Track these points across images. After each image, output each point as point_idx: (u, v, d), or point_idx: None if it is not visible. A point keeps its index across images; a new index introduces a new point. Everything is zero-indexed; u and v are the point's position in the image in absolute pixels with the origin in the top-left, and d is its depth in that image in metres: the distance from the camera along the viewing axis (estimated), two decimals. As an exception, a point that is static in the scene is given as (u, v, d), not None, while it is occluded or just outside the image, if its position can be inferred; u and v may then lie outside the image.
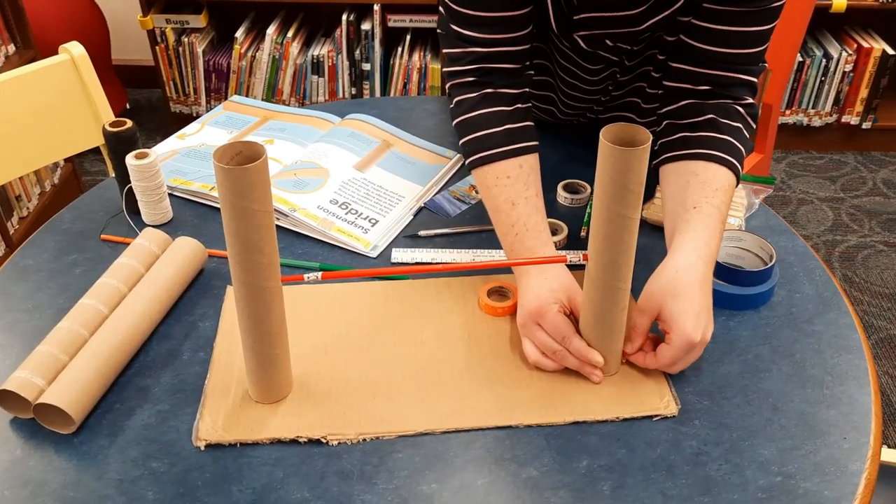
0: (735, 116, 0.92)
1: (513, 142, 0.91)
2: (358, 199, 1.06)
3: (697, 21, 0.90)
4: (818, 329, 0.86)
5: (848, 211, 2.35)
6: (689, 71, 0.93)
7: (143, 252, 0.90)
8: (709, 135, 0.91)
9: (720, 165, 0.88)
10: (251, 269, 0.68)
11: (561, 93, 1.10)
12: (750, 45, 0.91)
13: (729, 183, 0.88)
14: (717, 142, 0.90)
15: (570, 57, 1.02)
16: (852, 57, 2.44)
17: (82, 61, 1.30)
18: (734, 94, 0.93)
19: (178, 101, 2.63)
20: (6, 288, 0.92)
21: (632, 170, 0.68)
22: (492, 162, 0.91)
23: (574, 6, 0.93)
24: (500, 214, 0.89)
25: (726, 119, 0.92)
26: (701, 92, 0.93)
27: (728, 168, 0.88)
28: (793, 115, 2.57)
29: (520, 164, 0.90)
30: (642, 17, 0.92)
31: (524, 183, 0.89)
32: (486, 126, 0.92)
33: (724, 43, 0.90)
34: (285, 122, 1.23)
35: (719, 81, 0.92)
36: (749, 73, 0.92)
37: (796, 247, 0.98)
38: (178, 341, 0.85)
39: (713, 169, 0.88)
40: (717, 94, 0.93)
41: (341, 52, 2.51)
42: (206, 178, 1.08)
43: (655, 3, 0.91)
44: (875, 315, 1.97)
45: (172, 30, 2.50)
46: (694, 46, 0.92)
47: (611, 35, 0.96)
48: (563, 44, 0.99)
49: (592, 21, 0.94)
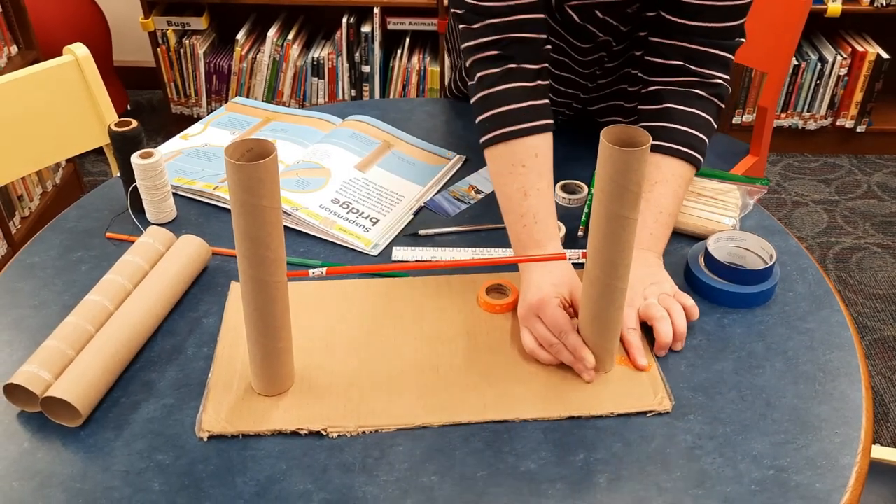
0: (693, 101, 0.96)
1: (532, 118, 0.91)
2: (359, 198, 1.07)
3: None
4: (811, 327, 0.88)
5: (842, 213, 2.38)
6: (664, 44, 0.96)
7: (148, 250, 0.91)
8: (658, 124, 0.96)
9: (665, 156, 0.94)
10: (258, 264, 0.70)
11: (552, 77, 1.11)
12: (725, 20, 0.94)
13: (673, 171, 0.94)
14: (664, 132, 0.95)
15: (560, 34, 1.03)
16: (847, 61, 2.47)
17: (86, 62, 1.32)
18: (705, 71, 0.96)
19: (178, 103, 2.64)
20: (12, 285, 0.93)
21: (631, 170, 0.69)
22: (511, 139, 0.91)
23: None
24: (512, 203, 0.90)
25: (682, 105, 0.96)
26: (672, 67, 0.97)
27: (675, 156, 0.95)
28: (788, 118, 2.59)
29: (535, 153, 0.91)
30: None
31: (538, 173, 0.90)
32: (508, 102, 0.92)
33: (700, 16, 0.94)
34: (287, 123, 1.24)
35: (692, 55, 0.95)
36: (723, 47, 0.96)
37: (790, 246, 1.00)
38: (182, 337, 0.86)
39: (655, 160, 0.95)
40: (688, 71, 0.96)
41: (341, 55, 2.53)
42: (209, 178, 1.09)
43: None
44: (869, 316, 1.99)
45: (174, 32, 2.51)
46: (671, 20, 0.96)
47: (600, 5, 0.98)
48: (556, 17, 1.01)
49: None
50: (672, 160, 0.95)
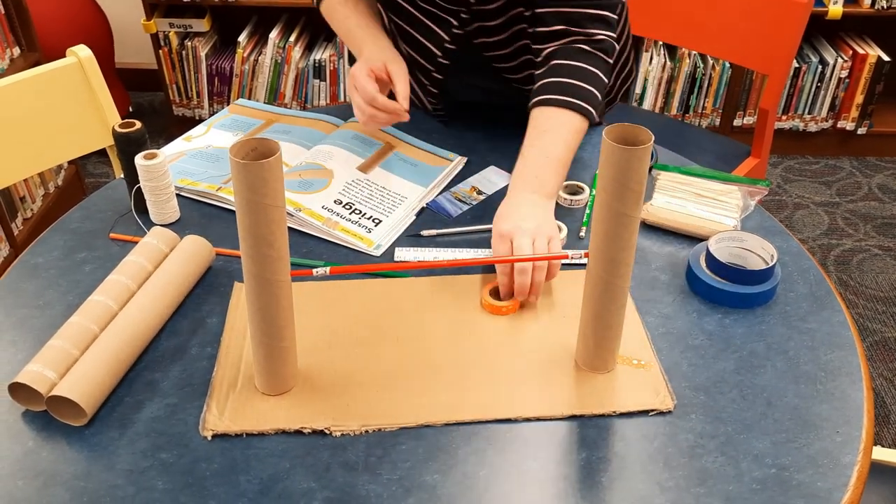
0: (578, 56, 1.03)
1: None
2: (361, 199, 1.08)
3: None
4: (812, 327, 0.88)
5: (843, 215, 2.38)
6: (544, 13, 1.05)
7: (152, 250, 0.92)
8: (548, 80, 1.03)
9: (555, 107, 1.01)
10: (262, 263, 0.70)
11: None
12: None
13: (562, 121, 1.00)
14: (553, 85, 1.02)
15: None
16: (848, 63, 2.47)
17: (89, 64, 1.32)
18: (587, 31, 1.04)
19: (180, 105, 2.65)
20: (17, 285, 0.94)
21: (632, 168, 0.70)
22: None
23: None
24: (344, 23, 1.16)
25: (568, 61, 1.03)
26: (555, 33, 1.04)
27: (564, 108, 1.00)
28: (789, 120, 2.59)
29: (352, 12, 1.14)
30: None
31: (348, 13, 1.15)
32: None
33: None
34: (290, 125, 1.25)
35: (572, 18, 1.04)
36: (601, 6, 1.03)
37: (790, 247, 1.00)
38: (185, 337, 0.86)
39: (546, 112, 1.01)
40: (570, 33, 1.03)
41: (343, 57, 2.53)
42: (212, 179, 1.10)
43: None
44: (870, 318, 1.99)
45: (176, 34, 2.52)
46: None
47: None
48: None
49: None
50: (561, 111, 1.00)
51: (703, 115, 2.60)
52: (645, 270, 0.97)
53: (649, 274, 0.96)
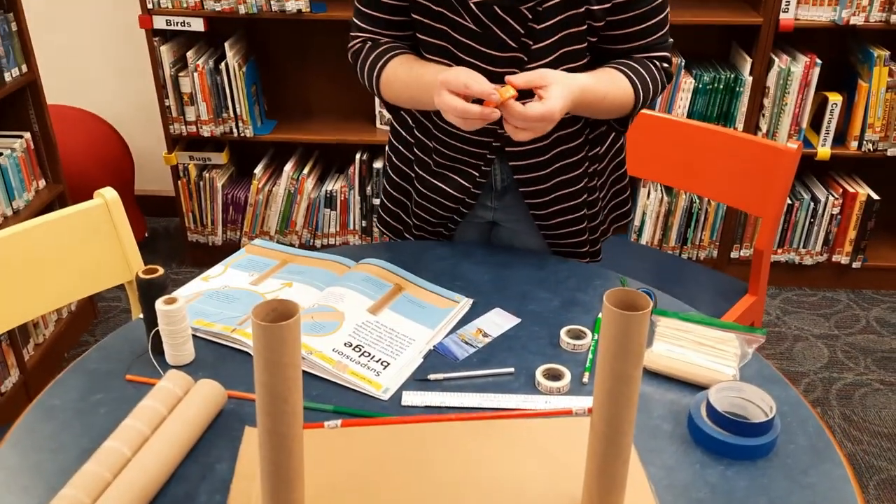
0: (644, 62, 1.23)
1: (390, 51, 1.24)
2: (371, 341, 1.11)
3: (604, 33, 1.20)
4: (813, 481, 0.89)
5: (843, 348, 2.40)
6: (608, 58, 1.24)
7: (167, 394, 0.95)
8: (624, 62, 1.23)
9: (620, 73, 1.21)
10: (276, 417, 0.73)
11: None
12: (652, 34, 1.22)
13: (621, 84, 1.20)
14: (624, 65, 1.22)
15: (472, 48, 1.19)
16: (839, 201, 2.57)
17: (115, 205, 1.40)
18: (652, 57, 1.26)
19: (195, 231, 2.74)
20: (33, 427, 0.96)
21: (632, 331, 0.74)
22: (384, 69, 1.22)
23: None
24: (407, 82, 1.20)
25: (634, 62, 1.23)
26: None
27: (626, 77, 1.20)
28: (785, 253, 2.67)
29: (400, 62, 1.22)
30: None
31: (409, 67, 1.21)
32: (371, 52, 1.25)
33: (629, 40, 1.21)
34: (303, 266, 1.30)
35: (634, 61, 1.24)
36: (659, 49, 1.24)
37: (789, 397, 1.03)
38: (194, 483, 0.88)
39: (612, 70, 1.21)
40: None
41: (353, 188, 2.64)
42: (227, 320, 1.14)
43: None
44: (875, 455, 1.98)
45: (195, 165, 2.64)
46: (605, 48, 1.22)
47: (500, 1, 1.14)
48: (465, 20, 1.17)
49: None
50: (624, 78, 1.19)
51: (700, 247, 2.67)
52: (647, 419, 0.99)
53: (651, 422, 0.98)
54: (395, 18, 1.24)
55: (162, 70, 2.45)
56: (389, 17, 1.24)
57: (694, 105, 2.49)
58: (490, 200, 1.37)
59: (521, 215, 1.37)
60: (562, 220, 1.35)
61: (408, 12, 1.22)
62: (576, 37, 1.18)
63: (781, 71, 2.41)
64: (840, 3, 2.33)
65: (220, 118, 2.53)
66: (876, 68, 2.38)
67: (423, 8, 1.19)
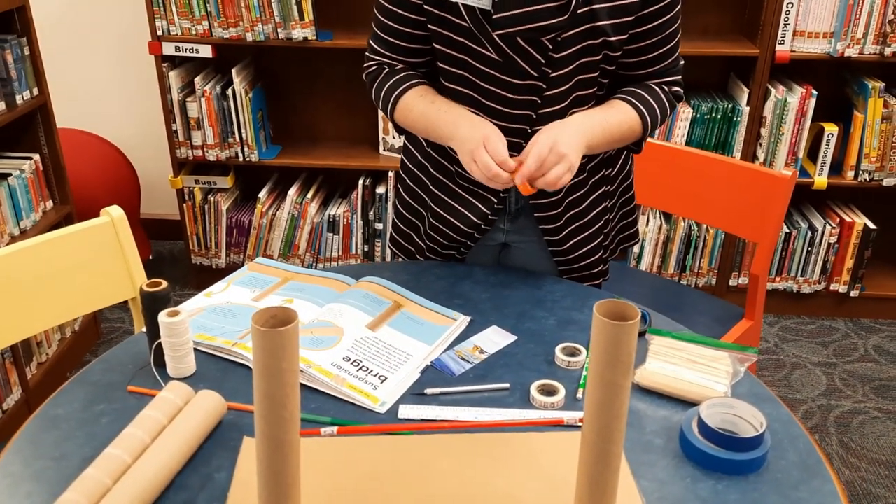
0: (652, 89, 1.27)
1: (407, 79, 1.28)
2: (369, 356, 1.13)
3: (620, 61, 1.24)
4: (803, 496, 0.90)
5: (841, 376, 2.41)
6: (621, 83, 1.29)
7: (168, 404, 0.96)
8: (627, 90, 1.28)
9: (625, 103, 1.25)
10: (274, 423, 0.75)
11: (487, 112, 1.27)
12: (666, 59, 1.27)
13: (628, 114, 1.24)
14: (631, 93, 1.26)
15: (492, 76, 1.22)
16: (836, 230, 2.59)
17: (121, 223, 1.43)
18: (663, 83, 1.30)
19: (199, 254, 2.77)
20: (37, 436, 0.98)
21: (622, 342, 0.76)
22: (402, 96, 1.26)
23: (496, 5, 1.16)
24: (425, 113, 1.23)
25: (641, 90, 1.27)
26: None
27: (632, 107, 1.24)
28: (783, 281, 2.68)
29: (420, 94, 1.25)
30: (557, 13, 1.14)
31: (430, 100, 1.24)
32: (388, 79, 1.29)
33: (643, 66, 1.26)
34: (304, 283, 1.33)
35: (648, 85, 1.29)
36: (671, 74, 1.29)
37: (780, 415, 1.04)
38: (193, 492, 0.89)
39: (618, 102, 1.25)
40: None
41: (356, 213, 2.67)
42: (228, 335, 1.16)
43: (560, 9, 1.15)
44: (873, 483, 1.97)
45: (200, 189, 2.68)
46: (623, 74, 1.28)
47: (522, 32, 1.16)
48: (488, 50, 1.20)
49: (509, 19, 1.15)
50: (630, 109, 1.24)
51: (699, 274, 2.70)
52: (640, 434, 1.00)
53: (644, 437, 1.00)
54: (413, 46, 1.27)
55: (170, 95, 2.50)
56: (408, 44, 1.27)
57: (692, 134, 2.53)
58: (503, 223, 1.40)
59: (533, 237, 1.40)
60: (574, 242, 1.37)
61: (426, 41, 1.26)
62: (591, 65, 1.21)
63: (778, 101, 2.45)
64: (835, 36, 2.38)
65: (226, 143, 2.58)
66: (871, 99, 2.42)
67: (445, 39, 1.22)
